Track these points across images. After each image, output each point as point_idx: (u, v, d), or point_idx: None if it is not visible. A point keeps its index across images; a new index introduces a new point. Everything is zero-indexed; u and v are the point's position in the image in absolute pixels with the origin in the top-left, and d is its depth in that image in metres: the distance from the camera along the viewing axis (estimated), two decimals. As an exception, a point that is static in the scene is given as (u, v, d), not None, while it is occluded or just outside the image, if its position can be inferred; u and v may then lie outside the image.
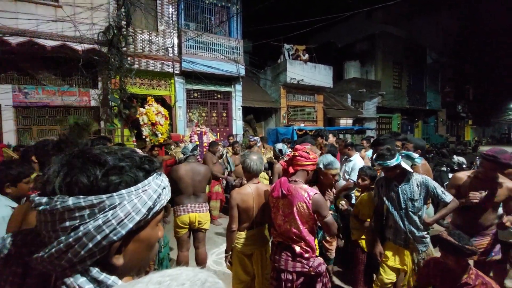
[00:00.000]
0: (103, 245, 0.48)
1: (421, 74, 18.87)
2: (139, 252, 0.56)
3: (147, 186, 0.54)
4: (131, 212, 0.50)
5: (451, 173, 5.78)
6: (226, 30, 10.01)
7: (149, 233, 0.57)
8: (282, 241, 1.98)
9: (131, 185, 0.52)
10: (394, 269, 2.37)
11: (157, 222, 0.59)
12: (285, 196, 1.91)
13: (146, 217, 0.53)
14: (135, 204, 0.51)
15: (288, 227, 1.92)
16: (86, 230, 0.47)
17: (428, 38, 19.32)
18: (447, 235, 1.77)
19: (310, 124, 12.34)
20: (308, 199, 1.83)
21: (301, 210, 1.85)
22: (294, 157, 2.03)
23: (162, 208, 0.58)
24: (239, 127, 10.31)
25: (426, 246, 2.27)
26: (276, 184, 2.02)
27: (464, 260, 1.74)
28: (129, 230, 0.50)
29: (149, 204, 0.53)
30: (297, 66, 11.85)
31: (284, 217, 1.94)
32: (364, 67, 16.41)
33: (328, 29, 17.12)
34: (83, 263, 0.48)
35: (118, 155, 0.54)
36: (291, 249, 1.92)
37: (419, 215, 2.25)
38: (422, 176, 2.27)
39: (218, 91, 10.01)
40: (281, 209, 1.96)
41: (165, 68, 8.59)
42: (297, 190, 1.87)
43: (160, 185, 0.57)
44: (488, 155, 2.20)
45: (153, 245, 0.59)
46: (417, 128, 19.34)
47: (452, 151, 8.13)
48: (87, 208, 0.47)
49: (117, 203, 0.49)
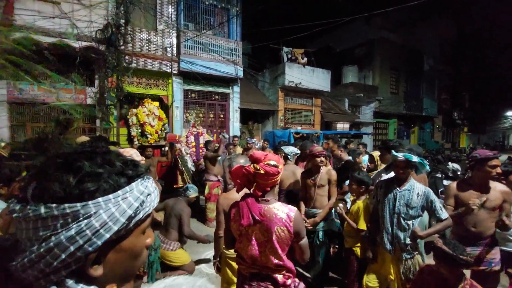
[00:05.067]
0: (78, 256, 0.45)
1: (418, 80, 19.03)
2: (121, 261, 0.53)
3: (128, 193, 0.51)
4: (108, 222, 0.47)
5: (446, 179, 5.80)
6: (225, 32, 10.00)
7: (133, 242, 0.53)
8: (258, 272, 1.63)
9: (110, 192, 0.49)
10: (379, 274, 2.37)
11: (142, 230, 0.56)
12: (258, 222, 1.53)
13: (126, 227, 0.50)
14: (112, 213, 0.48)
15: (265, 258, 1.57)
16: (57, 241, 0.44)
17: (425, 45, 19.50)
18: (442, 244, 1.75)
19: (307, 128, 12.35)
20: (289, 221, 1.52)
21: (281, 235, 1.52)
22: (258, 175, 1.52)
23: (147, 215, 0.55)
24: (236, 128, 10.28)
25: (411, 254, 2.25)
26: (242, 208, 1.56)
27: (458, 269, 1.73)
28: (106, 240, 0.48)
29: (129, 213, 0.50)
30: (295, 69, 11.87)
31: (259, 247, 1.57)
32: (362, 72, 16.50)
33: (327, 33, 17.20)
34: (57, 273, 0.45)
35: (97, 160, 0.50)
36: (272, 279, 1.59)
37: (412, 223, 2.23)
38: (425, 187, 2.27)
39: (216, 92, 9.98)
40: (253, 238, 1.58)
41: (163, 68, 8.54)
42: (273, 213, 1.53)
43: (143, 192, 0.53)
44: (471, 157, 2.40)
45: (138, 254, 0.56)
46: (413, 134, 19.47)
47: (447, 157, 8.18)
48: (60, 217, 0.44)
49: (92, 212, 0.46)
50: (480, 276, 2.24)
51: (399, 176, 2.30)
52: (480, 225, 2.31)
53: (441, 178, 5.86)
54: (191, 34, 8.82)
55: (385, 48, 16.35)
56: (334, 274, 3.39)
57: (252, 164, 1.55)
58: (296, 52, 12.40)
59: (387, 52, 16.44)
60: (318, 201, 2.98)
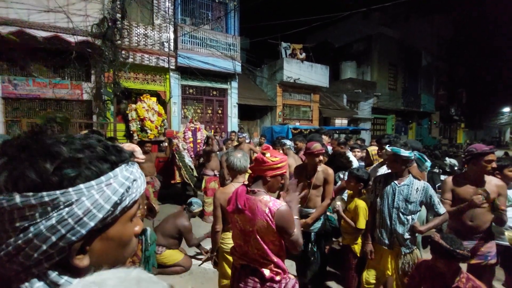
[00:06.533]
0: (60, 246, 0.43)
1: (416, 76, 19.03)
2: (109, 251, 0.51)
3: (113, 179, 0.49)
4: (92, 210, 0.45)
5: (443, 175, 5.85)
6: (223, 27, 9.91)
7: (120, 230, 0.52)
8: (246, 263, 1.64)
9: (92, 178, 0.46)
10: (377, 270, 2.38)
11: (129, 217, 0.54)
12: (241, 211, 1.57)
13: (112, 214, 0.48)
14: (96, 200, 0.46)
15: (249, 248, 1.60)
16: (37, 231, 0.42)
17: (423, 41, 19.46)
18: (440, 239, 1.76)
19: (306, 123, 12.34)
20: (270, 215, 1.49)
21: (262, 229, 1.51)
22: (258, 162, 1.62)
23: (134, 202, 0.53)
24: (234, 124, 10.25)
25: (409, 249, 2.27)
26: (232, 195, 1.66)
27: (455, 264, 1.74)
28: (90, 229, 0.46)
29: (114, 200, 0.48)
30: (294, 65, 11.82)
31: (245, 236, 1.61)
32: (360, 67, 16.47)
33: (326, 28, 17.13)
34: (39, 266, 0.43)
35: (77, 145, 0.48)
36: (260, 274, 1.58)
37: (411, 218, 2.24)
38: (424, 182, 2.28)
39: (214, 88, 9.92)
40: (239, 226, 1.63)
41: (160, 63, 8.46)
42: (256, 204, 1.53)
43: (128, 177, 0.51)
44: (467, 151, 2.41)
45: (127, 242, 0.54)
46: (411, 130, 19.53)
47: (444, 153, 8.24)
48: (38, 206, 0.42)
49: (73, 199, 0.44)
50: (476, 269, 2.26)
51: (391, 170, 2.33)
52: (477, 219, 2.32)
53: (439, 173, 5.91)
54: (189, 28, 8.73)
55: (383, 44, 16.30)
56: (332, 269, 3.41)
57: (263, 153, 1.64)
58: (295, 47, 12.34)
59: (385, 48, 16.40)
60: (312, 200, 2.78)
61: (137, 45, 8.04)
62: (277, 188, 1.72)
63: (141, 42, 8.11)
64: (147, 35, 8.20)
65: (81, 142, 0.49)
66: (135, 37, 8.02)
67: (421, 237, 2.89)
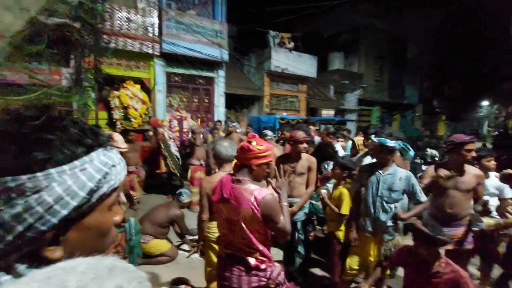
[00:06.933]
0: (29, 236, 0.40)
1: (402, 68, 19.34)
2: (86, 241, 0.47)
3: (88, 164, 0.45)
4: (64, 197, 0.42)
5: (424, 165, 6.04)
6: (210, 12, 9.61)
7: (97, 220, 0.48)
8: (232, 252, 1.63)
9: (65, 163, 0.42)
10: (360, 257, 2.45)
11: (108, 206, 0.50)
12: (226, 201, 1.56)
13: (88, 202, 0.45)
14: (68, 186, 0.42)
15: (235, 237, 1.60)
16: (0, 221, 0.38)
17: (410, 33, 19.71)
18: (421, 225, 1.81)
19: (293, 114, 12.36)
20: (256, 204, 1.48)
21: (247, 217, 1.51)
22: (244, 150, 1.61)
23: (113, 189, 0.49)
24: (221, 114, 10.12)
25: (392, 235, 2.36)
26: (217, 185, 1.66)
27: (435, 249, 1.79)
28: (63, 217, 0.42)
29: (90, 186, 0.44)
30: (282, 54, 11.71)
31: (230, 225, 1.60)
32: (348, 59, 16.53)
33: (315, 18, 16.97)
34: (4, 258, 0.39)
35: (47, 126, 0.44)
36: (245, 262, 1.58)
37: (394, 206, 2.31)
38: (406, 172, 2.35)
39: (200, 76, 9.70)
40: (224, 215, 1.63)
41: (144, 48, 8.15)
42: (242, 193, 1.52)
43: (106, 163, 0.47)
44: (449, 141, 2.51)
45: (105, 232, 0.51)
46: (395, 121, 19.98)
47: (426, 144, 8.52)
48: (1, 192, 0.38)
49: (43, 185, 0.40)
50: (454, 254, 2.35)
51: (378, 160, 2.39)
52: (456, 207, 2.42)
53: (420, 163, 6.10)
54: (174, 13, 8.42)
55: (371, 35, 16.39)
56: (317, 256, 3.48)
57: None
58: (283, 36, 12.19)
59: (372, 39, 16.50)
60: (296, 189, 2.79)
61: (120, 30, 7.69)
62: (262, 177, 1.71)
63: (124, 26, 7.76)
64: (130, 19, 7.85)
65: (52, 123, 0.45)
66: (118, 21, 7.66)
67: (402, 224, 2.98)
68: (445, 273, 1.77)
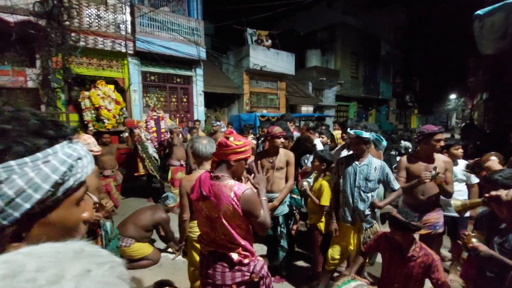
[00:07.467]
0: None
1: (376, 64, 20.05)
2: (51, 238, 0.45)
3: (52, 157, 0.43)
4: (26, 189, 0.40)
5: (398, 156, 6.30)
6: (185, 9, 9.42)
7: (63, 215, 0.46)
8: (214, 250, 1.62)
9: (26, 155, 0.41)
10: (341, 246, 2.53)
11: (75, 201, 0.48)
12: (206, 198, 1.55)
13: (53, 195, 0.43)
14: (30, 178, 0.40)
15: (216, 234, 1.59)
16: None
17: (382, 31, 20.45)
18: (396, 213, 1.88)
19: (273, 111, 12.44)
20: (236, 200, 1.48)
21: (228, 213, 1.50)
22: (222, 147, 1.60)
23: (80, 183, 0.47)
24: (200, 113, 9.98)
25: (370, 224, 2.47)
26: (195, 183, 1.64)
27: (410, 235, 1.88)
28: (25, 211, 0.40)
29: (55, 179, 0.42)
30: (260, 52, 11.73)
31: (211, 223, 1.59)
32: (325, 56, 16.88)
33: (291, 16, 17.17)
34: None
35: (4, 116, 0.42)
36: (228, 258, 1.57)
37: (371, 195, 2.40)
38: (381, 162, 2.45)
39: (178, 75, 9.50)
40: (204, 213, 1.61)
41: (116, 47, 7.84)
42: (221, 190, 1.50)
43: (71, 155, 0.45)
44: (419, 132, 2.61)
45: (72, 229, 0.48)
46: (371, 116, 20.70)
47: (400, 137, 8.91)
48: None
49: (2, 177, 0.38)
50: (426, 238, 2.48)
51: (355, 151, 2.47)
52: (427, 193, 2.54)
53: (395, 155, 6.35)
54: (147, 10, 8.16)
55: (346, 33, 16.82)
56: (300, 249, 3.54)
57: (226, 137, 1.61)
58: (261, 33, 12.22)
59: (348, 37, 16.94)
60: (276, 183, 2.80)
61: (89, 27, 7.35)
62: (241, 173, 1.70)
63: (93, 23, 7.42)
64: (100, 16, 7.51)
65: (9, 114, 0.43)
66: (86, 18, 7.30)
67: (379, 213, 3.09)
68: (419, 257, 1.86)
